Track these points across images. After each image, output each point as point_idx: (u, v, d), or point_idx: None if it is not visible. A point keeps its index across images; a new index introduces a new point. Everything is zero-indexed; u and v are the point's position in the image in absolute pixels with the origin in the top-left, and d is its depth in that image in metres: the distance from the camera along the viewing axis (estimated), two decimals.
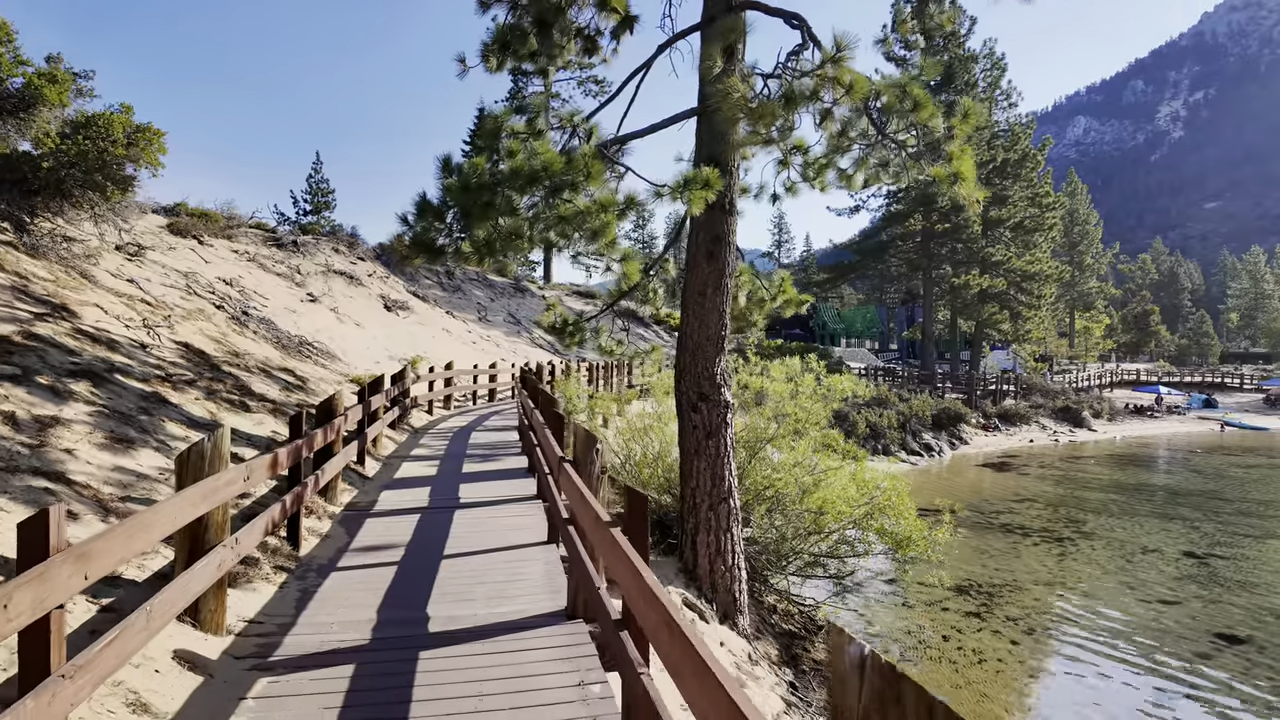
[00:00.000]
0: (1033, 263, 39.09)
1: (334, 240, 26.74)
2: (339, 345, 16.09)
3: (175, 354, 7.86)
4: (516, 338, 30.67)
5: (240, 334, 10.70)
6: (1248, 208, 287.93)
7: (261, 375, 8.98)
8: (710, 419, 7.90)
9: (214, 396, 7.08)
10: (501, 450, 10.66)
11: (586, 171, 6.51)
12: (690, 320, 8.04)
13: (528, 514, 6.72)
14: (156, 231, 17.35)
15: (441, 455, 9.83)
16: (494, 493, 7.67)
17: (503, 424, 14.08)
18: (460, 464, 9.25)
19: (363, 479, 7.74)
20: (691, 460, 7.90)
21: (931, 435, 31.78)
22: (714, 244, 7.92)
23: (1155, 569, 14.29)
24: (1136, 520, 18.64)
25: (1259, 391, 54.79)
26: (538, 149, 6.45)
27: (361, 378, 12.44)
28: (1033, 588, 13.14)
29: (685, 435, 7.99)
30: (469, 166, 6.21)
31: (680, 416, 8.11)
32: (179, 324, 9.11)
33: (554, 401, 6.39)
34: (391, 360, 17.91)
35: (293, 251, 22.65)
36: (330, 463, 5.87)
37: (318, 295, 19.54)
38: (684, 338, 8.10)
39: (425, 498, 7.17)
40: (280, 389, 8.84)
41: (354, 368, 14.87)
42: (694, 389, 7.93)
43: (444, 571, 4.90)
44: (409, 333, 22.43)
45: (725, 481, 7.90)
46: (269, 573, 4.49)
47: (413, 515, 6.41)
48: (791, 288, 9.66)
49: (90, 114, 8.88)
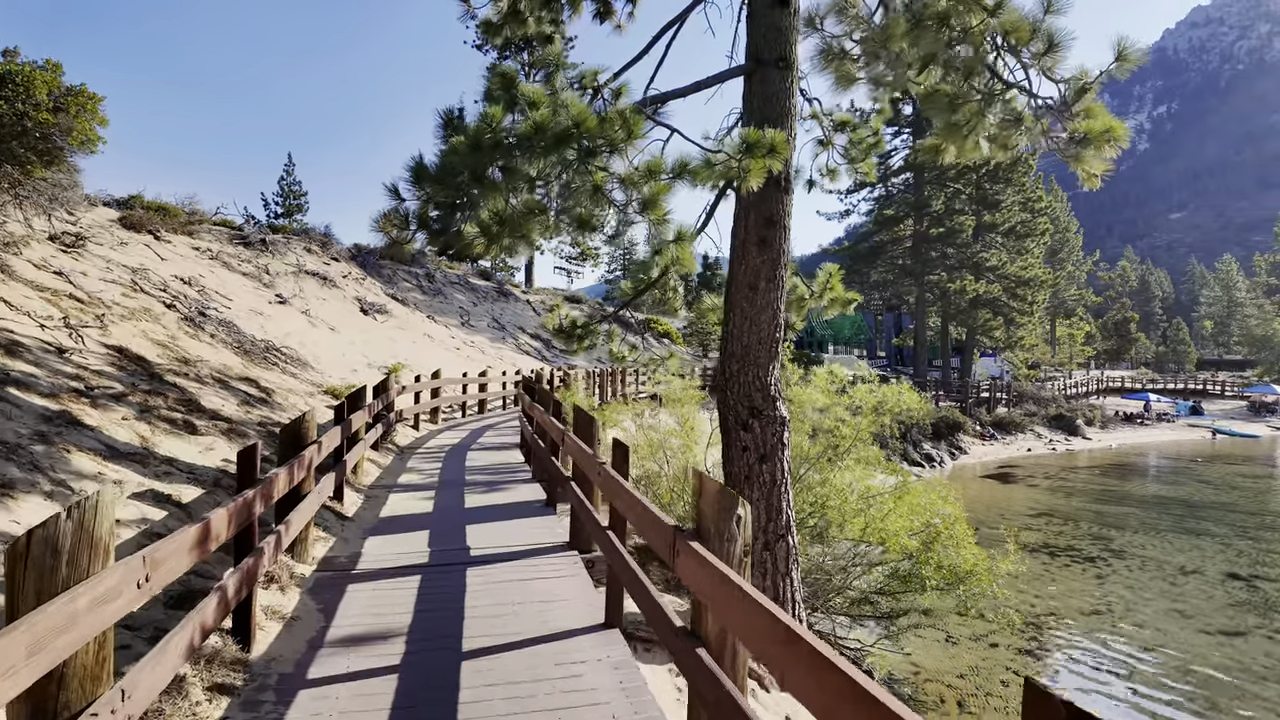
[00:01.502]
0: (1026, 268, 38.53)
1: (306, 240, 25.03)
2: (311, 351, 14.50)
3: (104, 361, 6.34)
4: (501, 343, 29.14)
5: (194, 337, 9.16)
6: (1211, 218, 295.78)
7: (216, 386, 7.44)
8: (764, 439, 6.57)
9: (149, 415, 5.56)
10: (506, 475, 9.15)
11: (627, 129, 5.16)
12: (737, 320, 6.72)
13: (563, 571, 5.11)
14: (107, 225, 15.64)
15: (436, 483, 8.27)
16: (511, 538, 6.08)
17: (500, 440, 12.54)
18: (460, 494, 7.70)
19: (341, 519, 6.22)
20: (741, 488, 6.56)
21: (931, 445, 30.84)
22: (767, 228, 6.63)
23: (1203, 594, 13.25)
24: (1163, 536, 17.69)
25: (1240, 399, 55.09)
26: (566, 101, 5.09)
27: (337, 388, 10.90)
28: (1080, 618, 12.00)
29: (733, 458, 6.65)
30: (480, 121, 4.82)
31: (725, 436, 6.77)
32: (115, 325, 7.55)
33: (591, 421, 5.01)
34: (370, 368, 16.34)
35: (261, 250, 20.96)
36: (298, 511, 4.30)
37: (288, 297, 17.90)
38: (729, 341, 6.78)
39: (423, 546, 5.62)
40: (239, 403, 7.31)
41: (328, 376, 13.30)
42: (743, 402, 6.60)
43: (467, 690, 3.32)
44: (388, 338, 20.83)
45: (783, 515, 6.57)
46: (196, 705, 2.93)
47: (410, 577, 4.82)
48: (840, 284, 8.39)
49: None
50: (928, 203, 39.13)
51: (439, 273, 33.28)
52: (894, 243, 42.18)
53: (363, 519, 6.43)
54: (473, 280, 35.69)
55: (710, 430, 9.47)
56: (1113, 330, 72.72)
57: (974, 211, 39.49)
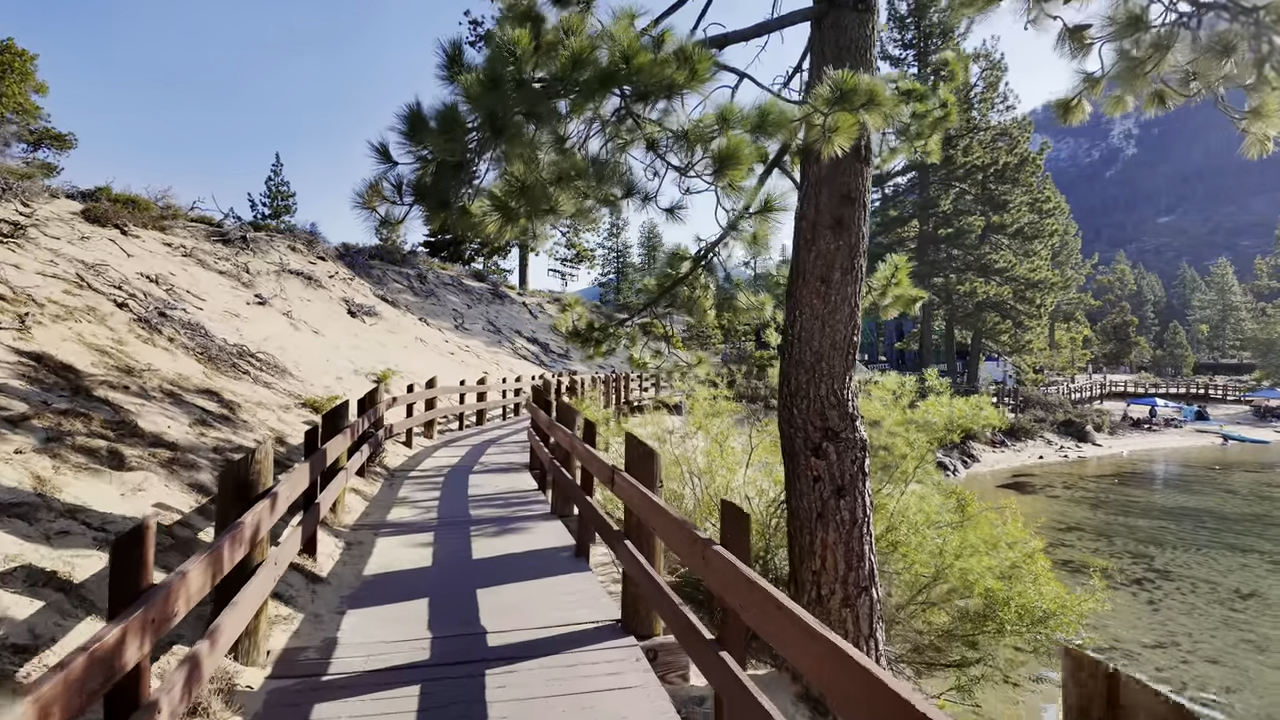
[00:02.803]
0: (1035, 270, 37.60)
1: (290, 238, 23.64)
2: (292, 357, 13.17)
3: (11, 372, 5.01)
4: (498, 348, 27.81)
5: (147, 341, 7.83)
6: (1198, 222, 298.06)
7: (164, 401, 6.09)
8: (841, 467, 5.35)
9: (59, 444, 4.22)
10: (518, 505, 7.70)
11: (690, 68, 3.92)
12: (805, 320, 5.50)
13: (624, 673, 3.58)
14: (69, 218, 14.27)
15: (434, 520, 6.83)
16: (540, 611, 4.48)
17: (505, 459, 11.00)
18: (465, 538, 6.23)
19: (312, 582, 4.80)
20: (812, 529, 5.33)
21: (943, 452, 29.77)
22: (843, 205, 5.42)
23: (1270, 622, 12.14)
24: (1205, 554, 16.59)
25: (1241, 403, 54.40)
26: (612, 31, 3.85)
27: (318, 400, 9.53)
28: (1145, 652, 10.85)
29: (801, 491, 5.42)
30: (498, 49, 3.56)
31: (790, 462, 5.54)
32: (44, 326, 6.23)
33: (651, 455, 3.74)
34: (357, 375, 15.01)
35: (241, 248, 19.58)
36: (234, 608, 2.82)
37: (268, 297, 16.54)
38: (794, 346, 5.55)
39: (422, 629, 4.12)
40: (192, 422, 5.94)
41: (309, 385, 11.98)
42: (814, 422, 5.38)
43: None
44: (378, 341, 19.49)
45: (865, 562, 5.35)
46: None
47: (405, 689, 3.35)
48: (907, 279, 7.18)
49: None
50: (935, 202, 38.16)
51: (431, 273, 31.96)
52: (899, 244, 41.17)
53: (341, 579, 5.00)
54: (466, 281, 34.37)
55: (747, 448, 8.24)
56: (1111, 334, 72.10)
57: (982, 212, 38.52)
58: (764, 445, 8.19)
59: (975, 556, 6.85)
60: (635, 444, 3.92)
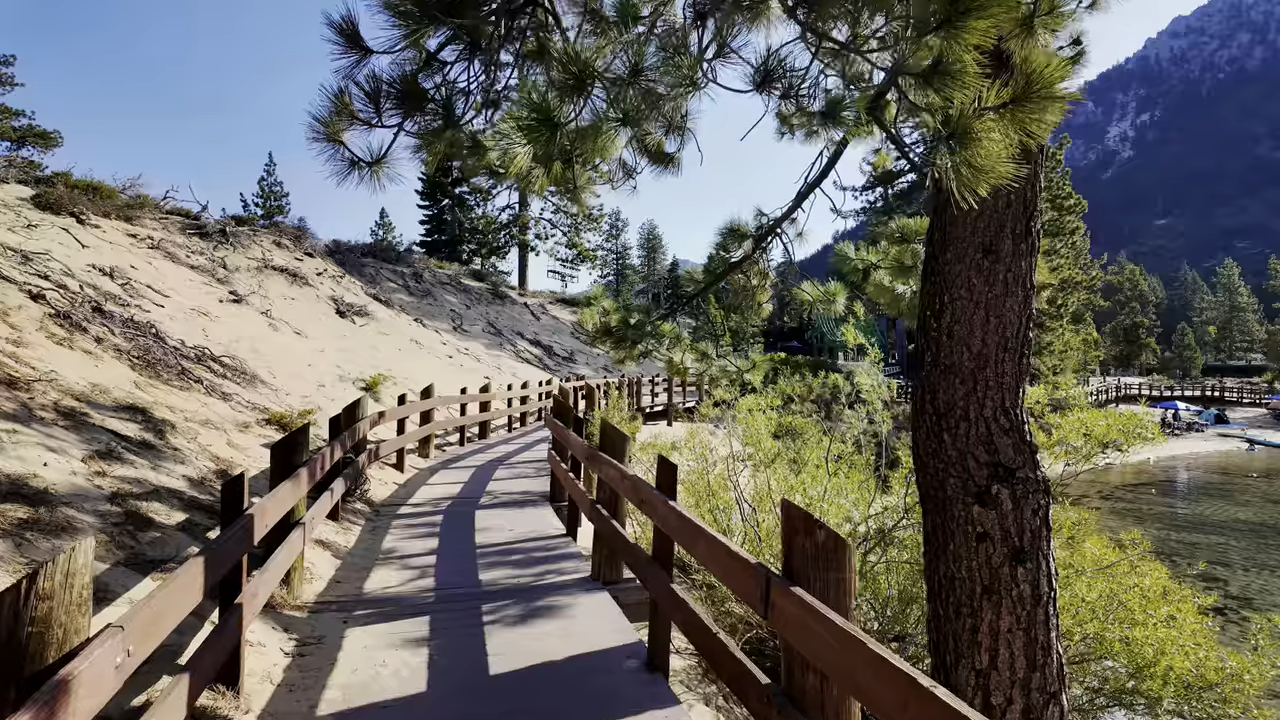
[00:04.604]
0: (1057, 269, 36.14)
1: (276, 232, 21.99)
2: (267, 361, 11.54)
3: None
4: (499, 350, 26.18)
5: (63, 342, 6.18)
6: (1195, 224, 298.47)
7: (55, 424, 4.38)
8: (1020, 521, 3.76)
9: None
10: (544, 562, 5.73)
11: None
12: (961, 307, 3.91)
13: None
14: (15, 205, 12.64)
15: (430, 596, 4.86)
16: None
17: (518, 486, 9.01)
18: (478, 631, 4.22)
19: None
20: (975, 610, 3.73)
21: None
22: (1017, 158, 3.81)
23: None
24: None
25: (1257, 405, 53.04)
26: None
27: (287, 415, 7.74)
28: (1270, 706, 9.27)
29: (958, 554, 3.81)
30: None
31: (937, 511, 3.93)
32: None
33: (843, 546, 2.10)
34: (343, 381, 13.38)
35: (220, 242, 17.93)
36: None
37: (244, 295, 14.89)
38: (940, 344, 3.97)
39: None
40: (88, 454, 4.32)
41: (284, 395, 10.34)
42: (978, 454, 3.78)
43: None
44: (370, 345, 17.84)
45: (1053, 655, 3.74)
46: None
47: None
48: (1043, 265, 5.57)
49: None
50: None
51: (428, 272, 30.34)
52: None
53: None
54: (465, 281, 32.74)
55: None
56: (1122, 335, 70.80)
57: None
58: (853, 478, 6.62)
59: (1144, 622, 5.28)
60: (809, 522, 2.18)
